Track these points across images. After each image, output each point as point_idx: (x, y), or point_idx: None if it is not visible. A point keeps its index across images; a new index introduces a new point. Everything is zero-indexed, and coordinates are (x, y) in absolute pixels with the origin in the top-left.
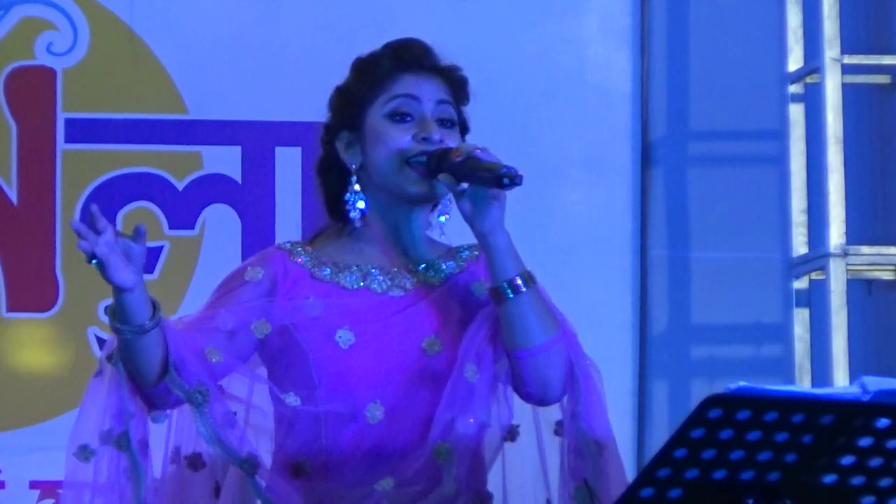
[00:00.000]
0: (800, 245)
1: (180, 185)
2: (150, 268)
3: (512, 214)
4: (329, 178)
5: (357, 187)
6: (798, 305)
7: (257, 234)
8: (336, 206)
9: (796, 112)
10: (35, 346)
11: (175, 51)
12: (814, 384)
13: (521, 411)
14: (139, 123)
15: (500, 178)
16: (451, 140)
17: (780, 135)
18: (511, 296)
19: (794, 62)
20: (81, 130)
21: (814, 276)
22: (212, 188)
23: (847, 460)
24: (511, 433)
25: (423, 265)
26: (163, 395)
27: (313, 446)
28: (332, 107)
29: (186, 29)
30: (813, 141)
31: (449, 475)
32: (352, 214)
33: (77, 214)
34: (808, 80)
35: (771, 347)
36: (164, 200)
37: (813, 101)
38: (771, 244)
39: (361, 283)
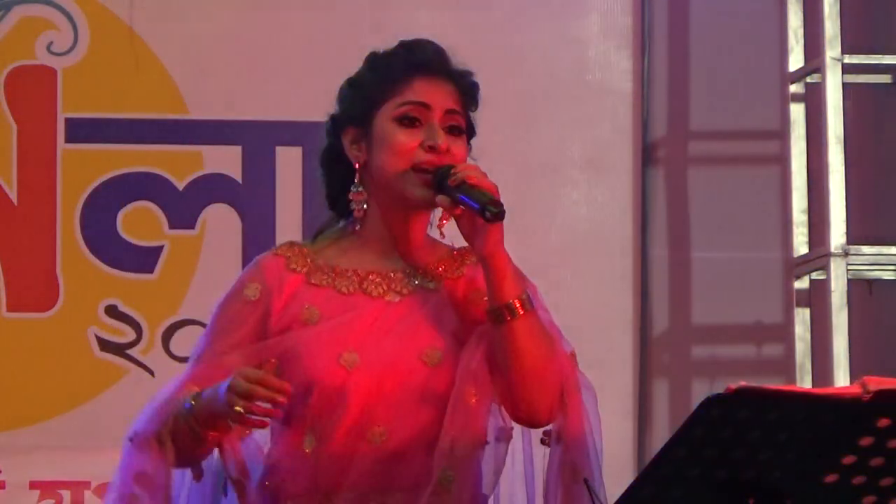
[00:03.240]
0: (800, 245)
1: (181, 185)
2: (149, 268)
3: (512, 214)
4: (333, 172)
5: (360, 188)
6: (799, 305)
7: (257, 234)
8: (337, 201)
9: (796, 112)
10: (35, 346)
11: (175, 51)
12: (814, 384)
13: None
14: (139, 123)
15: (483, 212)
16: (458, 148)
17: (780, 135)
18: (508, 319)
19: (795, 62)
20: (81, 130)
21: (814, 275)
22: (212, 188)
23: (848, 460)
24: (506, 435)
25: (419, 269)
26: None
27: (317, 476)
28: (342, 100)
29: (186, 29)
30: (813, 141)
31: (448, 496)
32: (356, 213)
33: (77, 214)
34: (809, 79)
35: (771, 347)
36: (164, 200)
37: (813, 101)
38: (771, 244)
39: (357, 287)
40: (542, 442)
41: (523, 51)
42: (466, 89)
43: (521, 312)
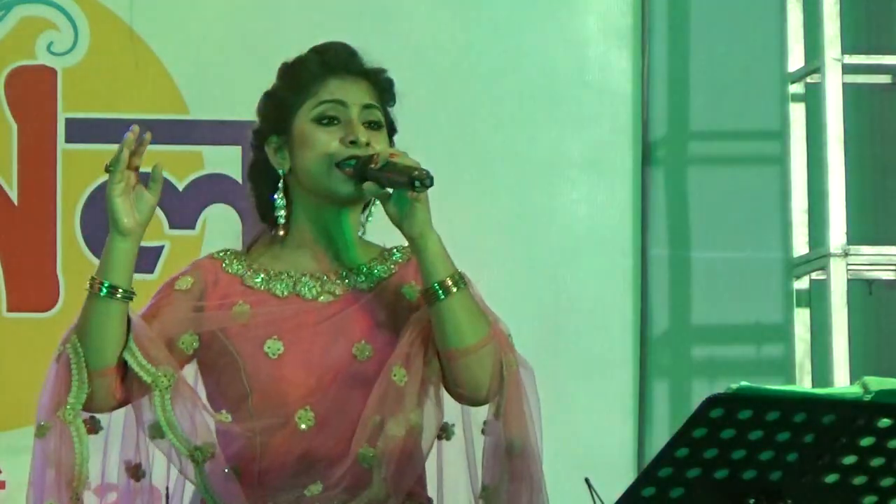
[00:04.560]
0: (800, 245)
1: (181, 185)
2: (150, 268)
3: (513, 214)
4: (260, 184)
5: (281, 194)
6: (798, 305)
7: None
8: (268, 212)
9: (797, 112)
10: (35, 346)
11: (175, 51)
12: (814, 384)
13: (454, 411)
14: (139, 123)
15: (412, 181)
16: (378, 142)
17: (780, 135)
18: (442, 297)
19: (795, 62)
20: (81, 130)
21: (814, 275)
22: (212, 188)
23: (848, 460)
24: (446, 432)
25: (353, 270)
26: (113, 384)
27: (246, 454)
28: (261, 112)
29: (186, 29)
30: (813, 141)
31: (378, 477)
32: (279, 219)
33: (77, 214)
34: (809, 79)
35: (771, 347)
36: (164, 200)
37: (813, 101)
38: (771, 244)
39: (292, 290)
40: (483, 432)
41: (523, 51)
42: (381, 85)
43: (454, 290)
